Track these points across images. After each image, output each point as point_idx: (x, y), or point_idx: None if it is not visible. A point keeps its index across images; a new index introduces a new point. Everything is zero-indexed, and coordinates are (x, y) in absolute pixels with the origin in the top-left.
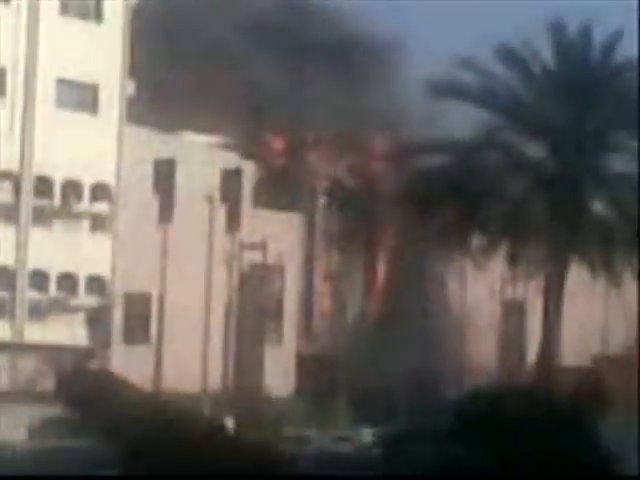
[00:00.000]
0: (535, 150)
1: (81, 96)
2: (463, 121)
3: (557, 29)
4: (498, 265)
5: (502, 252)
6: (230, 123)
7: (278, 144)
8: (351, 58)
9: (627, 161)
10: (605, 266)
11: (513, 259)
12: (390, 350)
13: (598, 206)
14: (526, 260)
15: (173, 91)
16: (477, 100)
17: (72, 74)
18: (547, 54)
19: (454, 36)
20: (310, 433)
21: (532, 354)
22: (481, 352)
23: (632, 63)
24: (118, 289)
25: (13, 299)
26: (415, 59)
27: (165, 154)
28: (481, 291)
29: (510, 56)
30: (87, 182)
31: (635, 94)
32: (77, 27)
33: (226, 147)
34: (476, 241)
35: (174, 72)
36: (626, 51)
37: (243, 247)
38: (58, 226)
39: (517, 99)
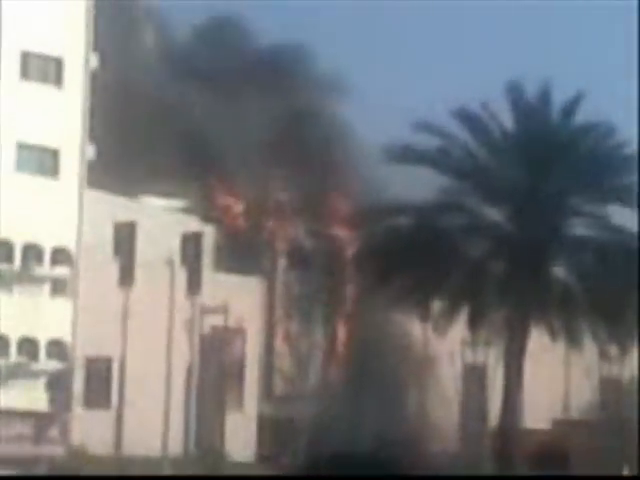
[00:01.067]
0: (495, 213)
1: (41, 160)
2: (422, 183)
3: (515, 90)
4: (459, 329)
5: (463, 316)
6: (189, 187)
7: (237, 207)
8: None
9: (588, 225)
10: (565, 330)
11: (474, 323)
12: (351, 413)
13: (558, 270)
14: (487, 324)
15: (133, 156)
16: (435, 163)
17: (32, 138)
18: (506, 116)
19: (410, 97)
20: None
21: (494, 417)
22: (442, 416)
23: (592, 125)
24: (79, 353)
25: None
26: (371, 121)
27: (125, 217)
28: (442, 355)
29: (468, 118)
30: (47, 246)
31: (596, 156)
32: (37, 91)
33: (186, 211)
34: (437, 304)
35: (134, 137)
36: (586, 113)
37: (204, 310)
38: (18, 290)
39: (476, 162)
